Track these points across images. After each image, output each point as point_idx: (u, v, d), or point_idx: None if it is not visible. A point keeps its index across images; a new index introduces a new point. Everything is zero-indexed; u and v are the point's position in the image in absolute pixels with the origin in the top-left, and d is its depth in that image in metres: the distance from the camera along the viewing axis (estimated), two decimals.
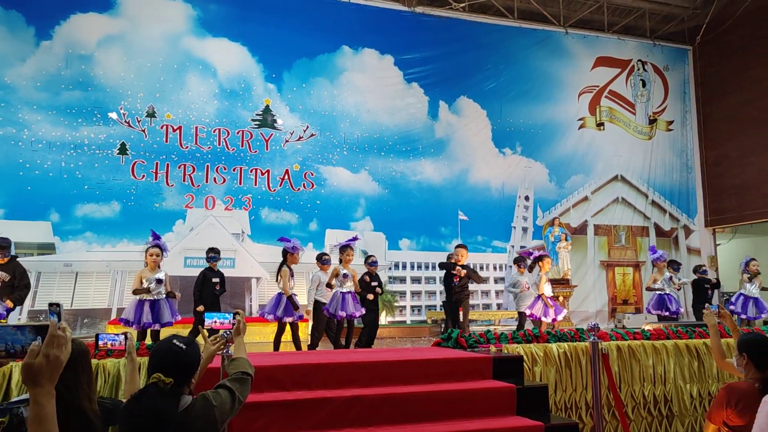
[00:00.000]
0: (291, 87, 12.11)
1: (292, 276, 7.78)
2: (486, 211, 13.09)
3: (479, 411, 4.66)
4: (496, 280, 13.03)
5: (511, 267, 9.65)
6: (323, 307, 7.88)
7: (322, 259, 8.18)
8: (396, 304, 12.27)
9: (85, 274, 10.47)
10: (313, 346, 7.81)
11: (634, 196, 14.44)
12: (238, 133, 11.60)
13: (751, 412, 2.66)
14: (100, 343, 3.17)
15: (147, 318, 7.08)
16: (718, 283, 10.17)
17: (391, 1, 12.89)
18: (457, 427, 4.44)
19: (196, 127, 11.34)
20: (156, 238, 7.41)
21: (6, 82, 10.34)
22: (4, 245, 6.97)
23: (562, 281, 12.27)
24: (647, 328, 6.57)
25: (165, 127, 11.14)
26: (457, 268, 8.48)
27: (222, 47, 11.70)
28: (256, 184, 11.57)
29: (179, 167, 11.12)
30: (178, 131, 11.20)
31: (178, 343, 2.39)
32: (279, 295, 7.66)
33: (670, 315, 9.45)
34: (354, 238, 8.72)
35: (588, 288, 13.57)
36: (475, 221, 12.92)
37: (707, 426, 3.40)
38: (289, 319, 7.57)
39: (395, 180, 12.54)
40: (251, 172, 11.58)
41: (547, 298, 8.93)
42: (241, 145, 11.58)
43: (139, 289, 7.12)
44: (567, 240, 12.90)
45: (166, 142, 11.11)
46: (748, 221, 14.04)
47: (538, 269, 9.15)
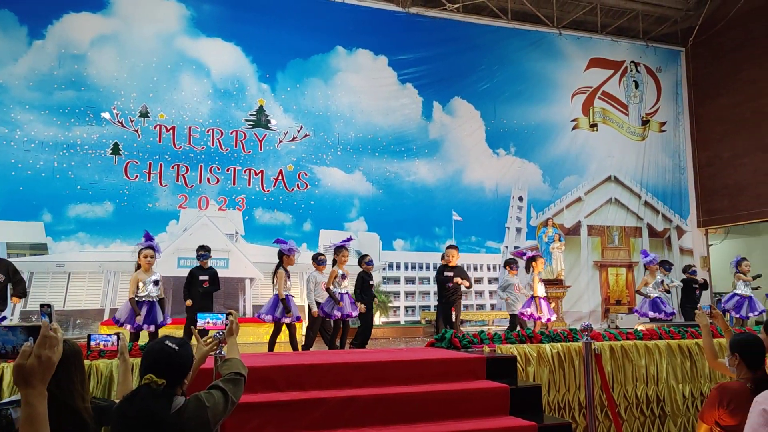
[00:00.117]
0: (285, 87, 12.10)
1: (288, 278, 7.79)
2: (480, 212, 13.10)
3: (473, 411, 4.67)
4: (490, 281, 13.04)
5: (504, 269, 9.66)
6: (319, 307, 7.87)
7: (318, 260, 8.17)
8: (390, 305, 12.27)
9: (78, 274, 10.41)
10: (307, 346, 7.81)
11: (627, 197, 14.49)
12: (231, 133, 11.57)
13: (743, 412, 2.67)
14: (92, 343, 3.16)
15: (141, 318, 7.05)
16: (706, 284, 10.27)
17: (385, 2, 12.90)
18: (450, 428, 4.44)
19: (190, 128, 11.30)
20: (149, 239, 7.38)
21: None
22: None
23: (556, 281, 12.31)
24: (640, 328, 6.60)
25: (158, 127, 11.10)
26: (455, 280, 8.55)
27: (216, 47, 11.66)
28: (249, 185, 11.54)
29: (172, 167, 11.08)
30: (171, 131, 11.17)
31: (170, 344, 2.38)
32: (276, 296, 7.66)
33: (666, 317, 9.52)
34: (348, 239, 8.73)
35: (581, 288, 13.61)
36: (469, 222, 12.94)
37: (699, 426, 3.41)
38: (287, 320, 7.59)
39: (389, 180, 12.54)
40: (245, 172, 11.56)
41: (540, 299, 8.97)
42: (235, 146, 11.56)
43: (134, 298, 7.07)
44: (560, 240, 12.94)
45: (160, 142, 11.07)
46: (741, 222, 14.11)
47: (532, 270, 9.19)
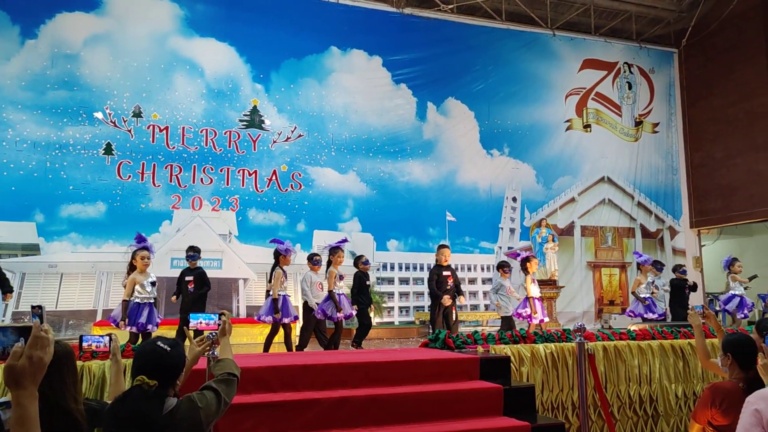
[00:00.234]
0: (279, 87, 12.08)
1: (286, 278, 7.80)
2: (474, 212, 13.12)
3: (466, 411, 4.67)
4: (484, 281, 13.06)
5: (497, 271, 9.68)
6: (317, 308, 7.87)
7: (313, 260, 8.17)
8: (384, 305, 12.26)
9: (70, 275, 10.36)
10: (301, 346, 7.80)
11: (621, 198, 14.54)
12: (225, 133, 11.54)
13: (736, 412, 2.68)
14: (84, 344, 3.14)
15: (143, 319, 7.05)
16: (695, 286, 10.36)
17: (380, 2, 12.90)
18: (444, 428, 4.44)
19: (183, 128, 11.27)
20: (142, 240, 7.34)
21: None
22: None
23: (549, 282, 12.33)
24: (633, 328, 6.62)
25: (151, 127, 11.06)
26: (444, 297, 8.52)
27: (209, 47, 11.64)
28: (243, 185, 11.52)
29: (166, 168, 11.05)
30: (164, 131, 11.13)
31: (162, 345, 2.37)
32: (273, 297, 7.67)
33: (658, 318, 9.58)
34: (344, 240, 8.72)
35: (575, 289, 13.64)
36: (463, 222, 12.95)
37: (692, 425, 3.43)
38: (287, 320, 7.60)
39: (383, 181, 12.54)
40: (238, 172, 11.53)
41: (534, 299, 9.00)
42: (229, 146, 11.53)
43: (128, 300, 7.04)
44: (554, 241, 12.97)
45: (153, 142, 11.03)
46: (733, 222, 14.19)
47: (526, 270, 9.23)
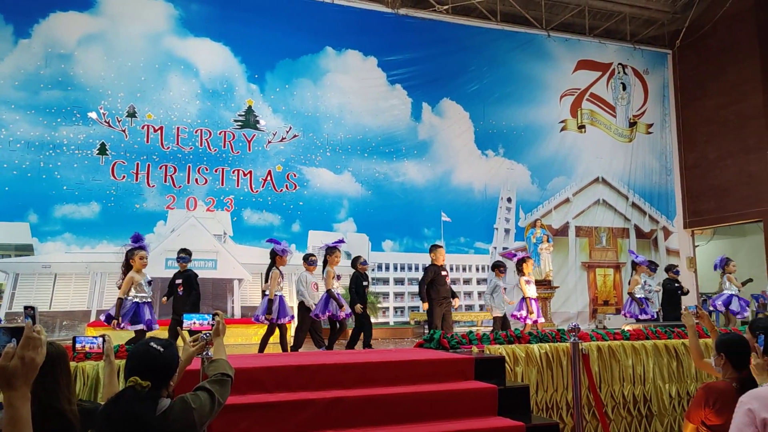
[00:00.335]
0: (274, 88, 12.06)
1: (282, 278, 7.80)
2: (468, 213, 13.13)
3: (461, 412, 4.67)
4: (479, 282, 13.07)
5: (492, 272, 9.69)
6: (313, 309, 7.86)
7: (309, 260, 8.17)
8: (379, 306, 12.26)
9: (64, 275, 10.32)
10: (296, 347, 7.80)
11: (615, 198, 14.58)
12: (220, 133, 11.52)
13: (729, 412, 2.69)
14: (78, 345, 3.13)
15: (149, 316, 7.09)
16: (687, 291, 10.47)
17: (375, 3, 12.90)
18: (439, 428, 4.44)
19: (178, 128, 11.24)
20: (139, 239, 7.31)
21: None
22: None
23: (544, 282, 12.36)
24: (627, 328, 6.64)
25: (146, 127, 11.03)
26: (424, 304, 8.56)
27: (204, 47, 11.61)
28: (238, 185, 11.50)
29: (160, 168, 11.01)
30: (159, 131, 11.10)
31: (155, 346, 2.36)
32: (269, 297, 7.66)
33: (651, 318, 9.63)
34: (340, 240, 8.71)
35: (569, 289, 13.67)
36: (458, 222, 12.96)
37: (686, 425, 3.44)
38: (284, 320, 7.60)
39: (378, 181, 12.54)
40: (233, 173, 11.51)
41: (531, 300, 9.03)
42: (224, 146, 11.51)
43: (123, 299, 7.01)
44: (549, 241, 12.99)
45: (147, 142, 11.00)
46: (727, 223, 14.25)
47: (522, 271, 9.26)
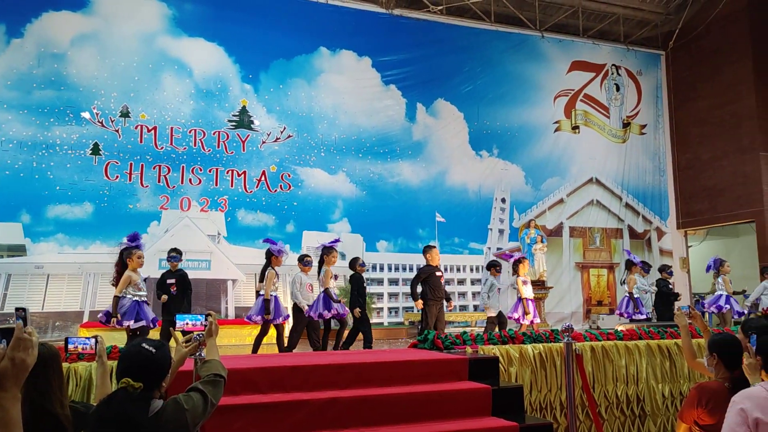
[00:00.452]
0: (268, 88, 12.05)
1: (278, 278, 7.79)
2: (463, 213, 13.15)
3: (455, 412, 4.67)
4: (473, 282, 13.09)
5: (487, 271, 9.70)
6: (310, 308, 7.86)
7: (304, 261, 8.16)
8: (373, 306, 12.25)
9: (57, 276, 10.27)
10: (290, 347, 7.79)
11: (609, 199, 14.63)
12: (214, 133, 11.49)
13: (721, 412, 2.70)
14: (70, 346, 3.11)
15: (150, 315, 7.09)
16: (678, 296, 10.54)
17: (369, 3, 12.90)
18: (433, 428, 4.44)
19: (172, 128, 11.21)
20: (136, 238, 7.28)
21: None
22: None
23: (538, 283, 12.38)
24: (620, 328, 6.66)
25: (139, 127, 10.99)
26: (417, 302, 8.55)
27: (198, 47, 11.58)
28: (232, 186, 11.47)
29: (154, 168, 10.98)
30: (153, 131, 11.07)
31: (147, 347, 2.35)
32: (263, 296, 7.65)
33: (646, 318, 9.67)
34: (336, 240, 8.70)
35: (563, 289, 13.70)
36: (452, 223, 12.97)
37: (679, 425, 3.45)
38: (279, 320, 7.59)
39: (373, 182, 12.54)
40: (227, 173, 11.48)
41: (527, 300, 9.04)
42: (218, 146, 11.48)
43: (119, 296, 6.98)
44: (543, 242, 13.02)
45: (141, 142, 10.96)
46: (720, 223, 14.32)
47: (518, 272, 9.29)
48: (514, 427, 4.54)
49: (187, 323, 3.21)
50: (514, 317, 9.07)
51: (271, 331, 7.85)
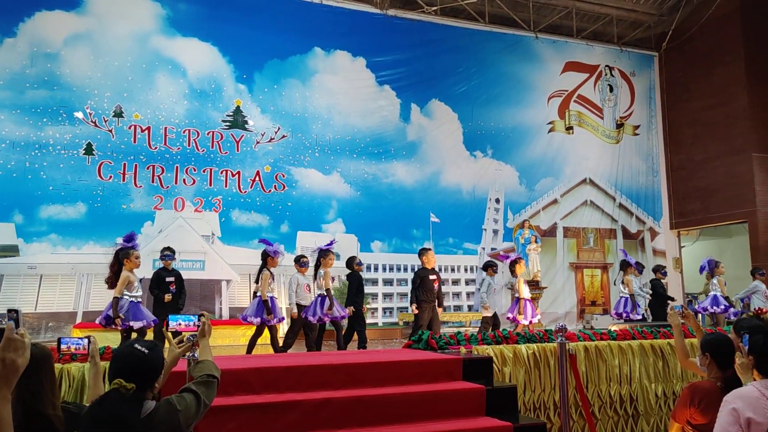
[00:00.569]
0: (262, 88, 12.03)
1: (273, 279, 7.78)
2: (457, 214, 13.16)
3: (449, 412, 4.68)
4: (467, 282, 13.10)
5: (484, 272, 9.71)
6: (303, 311, 7.85)
7: (300, 262, 8.16)
8: (368, 306, 12.24)
9: (50, 276, 10.23)
10: (286, 347, 7.78)
11: (602, 199, 14.67)
12: (208, 134, 11.47)
13: (714, 411, 2.71)
14: (63, 347, 3.10)
15: (149, 315, 7.07)
16: (672, 299, 10.61)
17: (363, 3, 12.90)
18: (427, 428, 4.44)
19: (165, 128, 11.18)
20: (132, 239, 7.25)
21: None
22: None
23: (532, 283, 12.39)
24: (614, 328, 6.68)
25: (133, 127, 10.96)
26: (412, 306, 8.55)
27: (192, 47, 11.55)
28: (226, 186, 11.45)
29: (147, 168, 10.94)
30: (146, 131, 11.03)
31: (140, 348, 2.34)
32: (260, 297, 7.63)
33: (641, 318, 9.71)
34: (332, 243, 8.68)
35: (557, 289, 13.74)
36: (447, 223, 12.98)
37: (671, 425, 3.46)
38: (274, 321, 7.59)
39: (367, 182, 12.53)
40: (221, 173, 11.46)
41: (525, 301, 9.07)
42: (212, 146, 11.46)
43: (119, 297, 6.96)
44: (537, 242, 13.05)
45: (134, 142, 10.92)
46: (712, 224, 14.38)
47: (515, 272, 9.32)
48: (507, 427, 4.55)
49: (179, 324, 3.21)
50: (512, 317, 9.08)
51: (265, 332, 7.84)
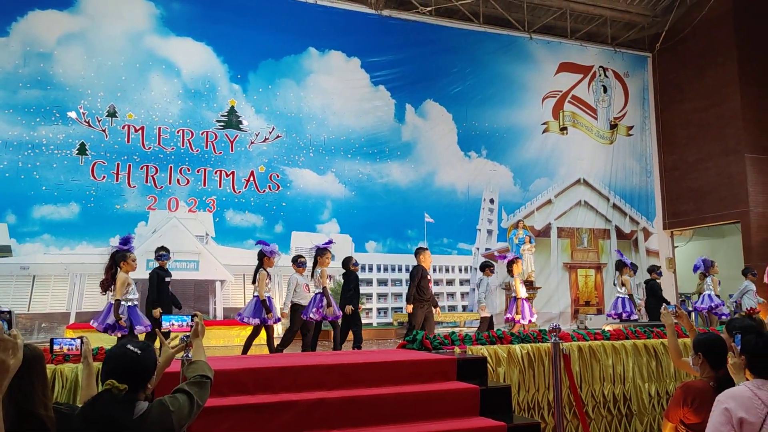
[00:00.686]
0: (257, 88, 12.01)
1: (270, 279, 7.78)
2: (451, 214, 13.18)
3: (443, 412, 4.68)
4: (462, 282, 13.12)
5: (481, 272, 9.72)
6: (302, 311, 7.85)
7: (298, 262, 8.15)
8: (363, 307, 12.24)
9: (43, 277, 10.18)
10: (282, 346, 7.78)
11: (596, 200, 14.72)
12: (202, 134, 11.44)
13: (707, 410, 2.73)
14: (56, 347, 3.09)
15: (146, 320, 7.04)
16: (667, 302, 10.63)
17: (358, 4, 12.89)
18: (421, 428, 4.44)
19: (159, 128, 11.15)
20: (128, 242, 7.21)
21: None
22: None
23: (526, 283, 12.41)
24: (607, 328, 6.69)
25: (127, 127, 10.92)
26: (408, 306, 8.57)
27: (186, 47, 11.53)
28: (220, 186, 11.43)
29: (141, 168, 10.91)
30: (140, 131, 11.00)
31: (132, 348, 2.33)
32: (257, 298, 7.62)
33: (632, 318, 9.75)
34: (329, 241, 8.67)
35: (552, 290, 13.77)
36: (441, 223, 12.99)
37: (665, 424, 3.47)
38: (270, 321, 7.58)
39: (362, 182, 12.53)
40: (216, 173, 11.43)
41: (522, 300, 9.08)
42: (206, 146, 11.43)
43: (120, 300, 6.93)
44: (531, 242, 13.07)
45: (128, 142, 10.89)
46: (705, 224, 14.45)
47: (512, 272, 9.33)
48: (502, 426, 4.55)
49: (172, 324, 3.20)
50: (511, 317, 9.09)
51: (261, 333, 7.83)
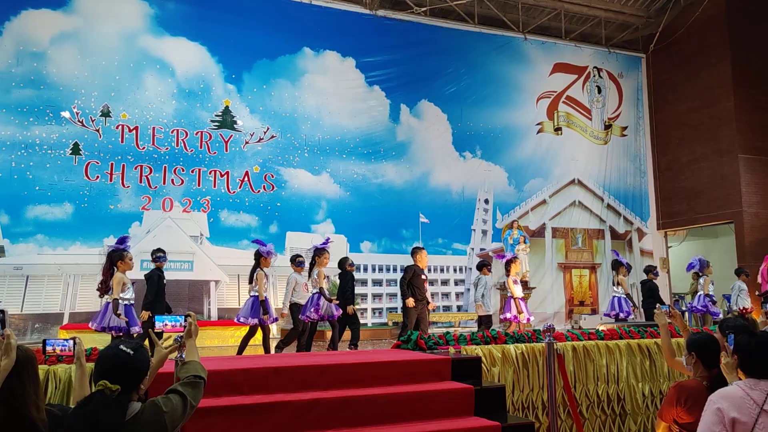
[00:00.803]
0: (251, 88, 11.99)
1: (267, 279, 7.78)
2: (446, 214, 13.19)
3: (438, 412, 4.68)
4: (456, 282, 13.13)
5: (478, 271, 9.74)
6: (302, 310, 7.85)
7: (297, 261, 8.16)
8: (357, 307, 12.23)
9: (36, 277, 10.14)
10: (284, 342, 7.79)
11: (591, 200, 14.75)
12: (196, 134, 11.41)
13: (700, 410, 2.73)
14: (48, 348, 3.07)
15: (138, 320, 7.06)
16: (663, 303, 10.69)
17: (353, 4, 12.89)
18: (415, 429, 4.44)
19: (154, 128, 11.11)
20: (125, 241, 7.20)
21: None
22: None
23: (521, 283, 12.45)
24: (601, 328, 6.71)
25: (120, 127, 10.89)
26: (409, 300, 8.53)
27: (180, 47, 11.50)
28: (215, 186, 11.40)
29: (135, 168, 10.88)
30: (134, 131, 10.96)
31: (125, 349, 2.32)
32: (255, 298, 7.60)
33: (627, 317, 9.79)
34: (327, 241, 8.66)
35: (546, 290, 13.80)
36: (436, 224, 13.00)
37: (658, 424, 3.48)
38: (269, 321, 7.58)
39: (357, 182, 12.53)
40: (210, 173, 11.41)
41: (519, 300, 9.10)
42: (200, 147, 11.40)
43: (117, 299, 6.92)
44: (525, 242, 13.10)
45: (122, 142, 10.85)
46: (699, 224, 14.51)
47: (509, 271, 9.36)
48: (496, 426, 4.56)
49: (166, 324, 3.19)
50: (509, 317, 9.10)
51: (259, 333, 7.82)
